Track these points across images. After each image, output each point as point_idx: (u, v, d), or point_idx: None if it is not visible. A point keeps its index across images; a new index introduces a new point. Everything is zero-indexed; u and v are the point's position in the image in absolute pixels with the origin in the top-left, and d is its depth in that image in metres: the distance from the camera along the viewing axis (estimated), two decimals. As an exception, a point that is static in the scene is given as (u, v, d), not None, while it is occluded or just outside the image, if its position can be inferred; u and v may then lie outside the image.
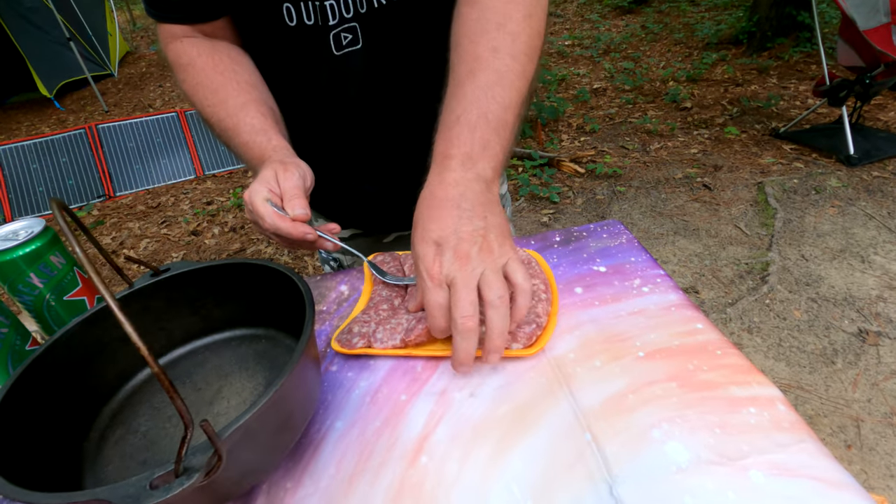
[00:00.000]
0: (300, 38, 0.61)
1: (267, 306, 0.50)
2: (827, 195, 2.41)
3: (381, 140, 0.72)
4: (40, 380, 0.40)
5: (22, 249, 0.47)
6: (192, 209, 3.10)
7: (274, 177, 0.53)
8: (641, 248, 0.63)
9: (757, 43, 4.66)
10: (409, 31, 0.63)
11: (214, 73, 0.63)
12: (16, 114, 5.72)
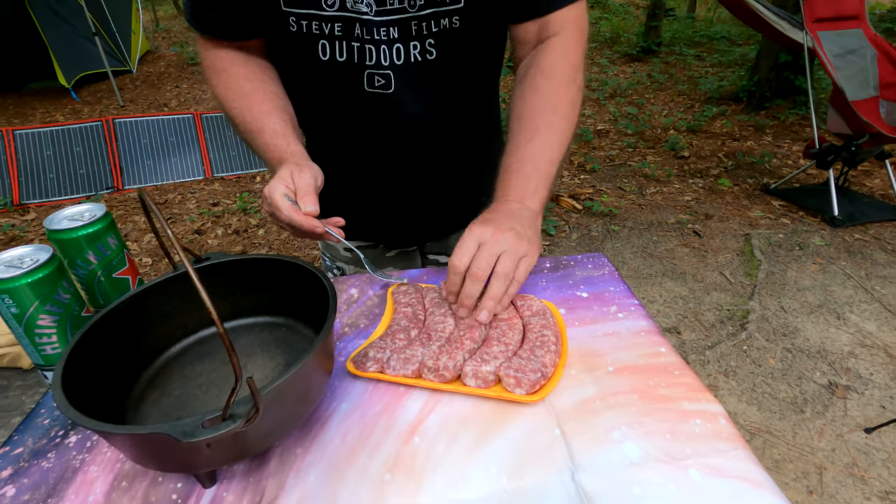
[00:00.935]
0: (332, 73, 0.70)
1: (289, 298, 0.57)
2: (810, 252, 2.52)
3: (393, 169, 0.80)
4: (95, 341, 0.47)
5: (85, 230, 0.54)
6: (198, 209, 3.17)
7: (290, 175, 0.61)
8: (620, 280, 0.71)
9: (756, 102, 4.86)
10: (436, 87, 0.72)
11: (245, 81, 0.71)
12: (32, 100, 5.82)
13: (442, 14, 0.66)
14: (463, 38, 0.69)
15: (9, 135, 3.25)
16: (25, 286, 0.46)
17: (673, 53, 7.50)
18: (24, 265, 0.47)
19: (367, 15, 0.64)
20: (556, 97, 0.69)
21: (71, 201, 3.25)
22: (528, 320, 0.58)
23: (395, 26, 0.66)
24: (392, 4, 0.64)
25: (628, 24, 9.95)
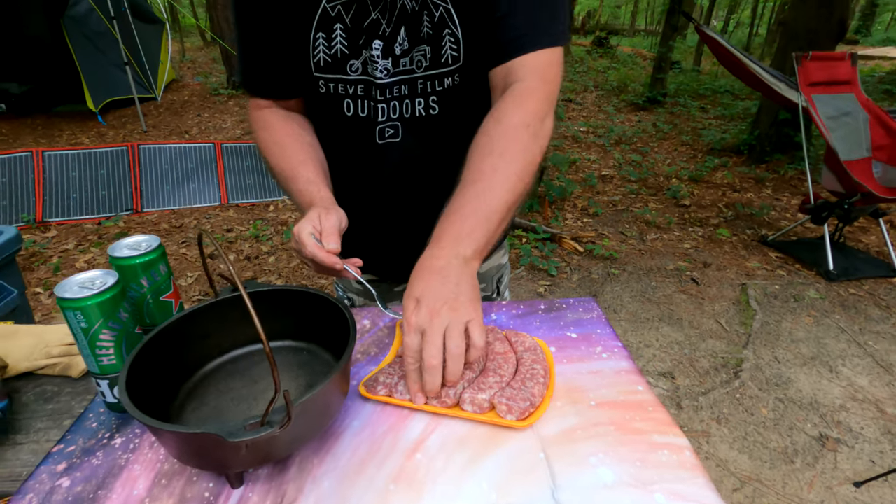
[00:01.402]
0: (353, 125, 0.81)
1: (312, 326, 0.65)
2: (805, 304, 2.58)
3: (402, 209, 0.90)
4: (148, 356, 0.54)
5: (142, 258, 0.62)
6: (213, 234, 3.28)
7: (318, 217, 0.70)
8: (607, 324, 0.78)
9: (756, 155, 5.01)
10: (438, 136, 0.82)
11: (284, 136, 0.82)
12: (59, 122, 6.08)
13: (445, 74, 0.76)
14: (462, 93, 0.78)
15: (39, 155, 3.41)
16: (94, 305, 0.54)
17: (678, 104, 7.76)
18: (95, 287, 0.55)
19: (382, 79, 0.75)
20: (505, 140, 0.68)
21: (91, 221, 3.38)
22: (521, 355, 0.65)
23: (405, 85, 0.76)
24: (404, 65, 0.75)
25: (635, 75, 10.32)
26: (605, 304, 2.61)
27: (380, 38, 0.74)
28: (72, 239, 3.15)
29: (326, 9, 0.73)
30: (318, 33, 0.75)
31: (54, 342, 0.70)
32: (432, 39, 0.73)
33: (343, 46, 0.75)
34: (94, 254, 2.99)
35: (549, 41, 0.71)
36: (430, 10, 0.72)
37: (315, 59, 0.76)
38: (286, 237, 3.23)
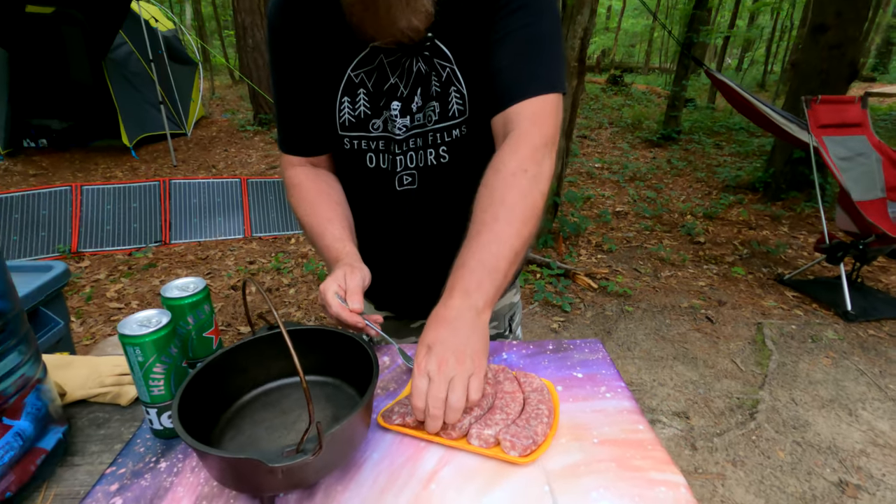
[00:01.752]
0: (375, 176, 0.89)
1: (337, 362, 0.71)
2: (822, 345, 2.55)
3: (419, 250, 0.97)
4: (194, 387, 0.61)
5: (190, 299, 0.70)
6: (236, 265, 3.41)
7: (343, 276, 0.77)
8: (611, 364, 0.83)
9: (772, 193, 5.02)
10: (450, 182, 0.90)
11: (314, 193, 0.92)
12: (96, 155, 6.40)
13: (453, 126, 0.84)
14: (469, 142, 0.86)
15: (77, 190, 3.61)
16: (150, 342, 0.62)
17: (692, 141, 7.84)
18: (151, 325, 0.62)
19: (400, 135, 0.84)
20: (503, 188, 0.71)
21: (122, 252, 3.53)
22: (528, 395, 0.70)
23: (419, 138, 0.85)
24: (418, 121, 0.84)
25: (650, 112, 10.48)
26: (618, 342, 2.62)
27: (398, 100, 0.83)
28: (104, 269, 3.29)
29: (351, 77, 0.83)
30: (343, 98, 0.84)
31: (106, 372, 0.78)
32: (441, 96, 0.82)
33: (366, 108, 0.85)
34: (123, 284, 3.12)
35: (541, 88, 0.75)
36: (438, 70, 0.80)
37: (341, 119, 0.86)
38: (306, 269, 3.33)
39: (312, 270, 3.31)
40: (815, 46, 4.40)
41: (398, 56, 0.80)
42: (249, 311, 0.70)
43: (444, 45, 0.79)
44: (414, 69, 0.81)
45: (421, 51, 0.79)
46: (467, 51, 0.79)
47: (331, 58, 0.83)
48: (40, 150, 6.49)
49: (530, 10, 0.75)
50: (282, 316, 2.77)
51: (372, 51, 0.81)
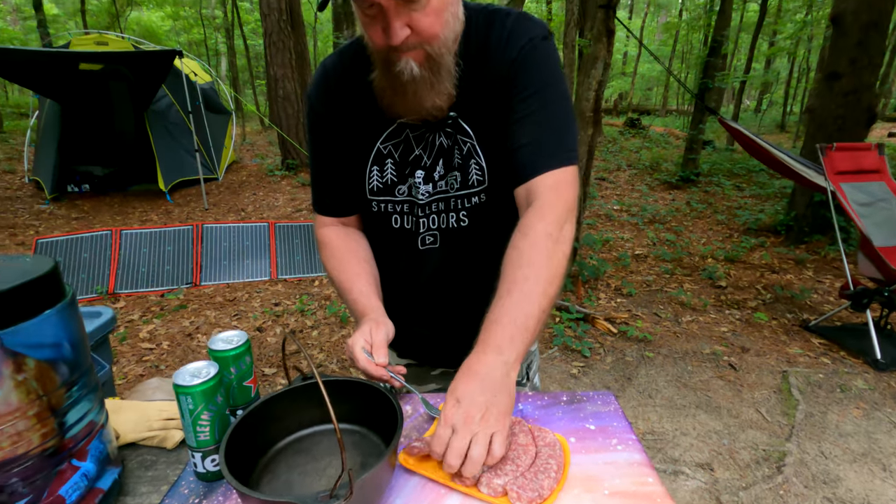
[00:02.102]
0: (400, 235, 0.98)
1: (364, 412, 0.77)
2: (852, 395, 2.49)
3: (440, 304, 1.04)
4: (237, 434, 0.68)
5: (233, 351, 0.78)
6: (262, 307, 3.52)
7: (369, 331, 0.84)
8: (623, 417, 0.87)
9: (794, 236, 4.98)
10: (469, 244, 0.97)
11: (343, 251, 1.01)
12: (133, 199, 6.74)
13: (473, 193, 0.92)
14: (487, 208, 0.93)
15: (117, 234, 3.82)
16: (200, 392, 0.69)
17: (712, 183, 7.85)
18: (202, 376, 0.70)
19: (422, 199, 0.92)
20: (531, 251, 0.77)
21: (155, 293, 3.69)
22: (539, 448, 0.74)
23: (441, 202, 0.93)
24: (441, 187, 0.92)
25: (668, 154, 10.57)
26: (639, 388, 2.60)
27: (422, 169, 0.92)
28: (137, 310, 3.44)
29: (380, 149, 0.93)
30: (372, 167, 0.94)
31: (154, 417, 0.85)
32: (462, 167, 0.91)
33: (393, 176, 0.94)
34: (155, 325, 3.25)
35: (558, 163, 0.83)
36: (460, 145, 0.90)
37: (370, 186, 0.95)
38: (329, 311, 3.41)
39: (335, 312, 3.40)
40: (829, 93, 4.46)
41: (422, 131, 0.90)
42: (287, 364, 0.77)
43: (465, 123, 0.88)
44: (437, 143, 0.90)
45: (443, 126, 0.89)
46: (486, 128, 0.88)
47: (362, 132, 0.93)
48: (82, 194, 6.88)
49: (545, 95, 0.84)
50: (302, 355, 2.84)
51: (399, 126, 0.91)
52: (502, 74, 0.84)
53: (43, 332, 0.60)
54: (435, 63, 0.79)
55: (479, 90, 0.87)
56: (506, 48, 0.84)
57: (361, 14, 0.75)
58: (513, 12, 0.87)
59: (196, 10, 17.03)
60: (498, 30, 0.85)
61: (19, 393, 0.57)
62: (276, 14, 7.18)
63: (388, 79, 0.81)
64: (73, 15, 16.65)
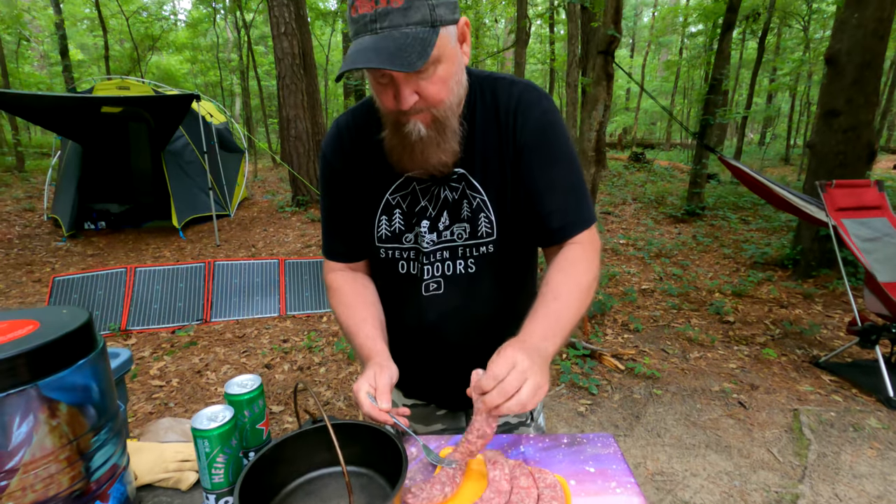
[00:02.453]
0: (405, 281, 1.03)
1: (371, 455, 0.81)
2: (865, 435, 2.45)
3: (444, 348, 1.08)
4: (250, 476, 0.71)
5: (248, 395, 0.82)
6: (270, 344, 3.55)
7: (374, 376, 0.88)
8: (622, 460, 0.89)
9: (802, 270, 4.96)
10: (473, 290, 1.02)
11: (351, 296, 1.06)
12: (147, 236, 6.90)
13: (481, 244, 0.98)
14: (494, 257, 0.99)
15: (131, 271, 3.91)
16: (217, 435, 0.73)
17: (717, 217, 7.88)
18: (218, 420, 0.74)
19: (427, 247, 0.98)
20: (576, 275, 0.89)
21: (166, 329, 3.75)
22: (541, 490, 0.77)
23: (447, 250, 0.99)
24: (446, 237, 0.98)
25: (673, 188, 10.66)
26: (647, 427, 2.58)
27: (427, 219, 0.98)
28: (148, 347, 3.49)
29: (388, 200, 0.99)
30: (381, 216, 1.01)
31: (169, 459, 0.88)
32: (471, 220, 0.97)
33: (400, 225, 1.00)
34: (166, 362, 3.29)
35: (584, 227, 0.95)
36: (469, 199, 0.96)
37: (378, 234, 1.01)
38: (336, 348, 3.44)
39: (343, 349, 3.42)
40: (829, 130, 4.54)
41: (428, 184, 0.97)
42: (298, 408, 0.81)
43: (475, 179, 0.95)
44: (442, 195, 0.97)
45: (448, 181, 0.96)
46: (496, 186, 0.95)
47: (373, 185, 1.00)
48: (98, 231, 7.06)
49: (566, 165, 0.94)
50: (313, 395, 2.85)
51: (406, 179, 0.98)
52: (518, 141, 0.93)
53: (76, 379, 0.65)
54: (440, 124, 0.86)
55: (489, 150, 0.94)
56: (517, 116, 0.93)
57: (374, 81, 0.83)
58: (517, 81, 0.95)
59: (213, 53, 17.79)
60: (505, 97, 0.93)
61: (53, 437, 0.62)
62: (289, 59, 7.50)
63: (398, 138, 0.88)
64: (97, 60, 17.46)
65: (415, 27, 0.74)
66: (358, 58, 0.73)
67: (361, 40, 0.75)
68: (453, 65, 0.82)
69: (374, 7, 0.73)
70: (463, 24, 0.83)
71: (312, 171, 8.00)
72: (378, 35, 0.74)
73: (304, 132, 7.80)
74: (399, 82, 0.79)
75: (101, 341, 0.70)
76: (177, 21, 17.99)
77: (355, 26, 0.76)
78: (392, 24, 0.73)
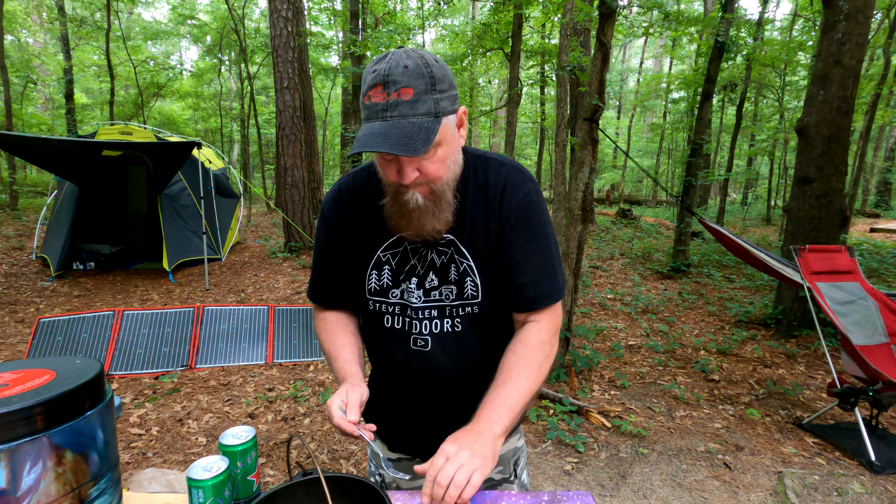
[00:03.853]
0: (392, 334, 1.09)
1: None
2: (849, 500, 2.45)
3: (428, 401, 1.13)
4: (241, 527, 0.74)
5: (241, 446, 0.86)
6: (255, 392, 3.51)
7: (346, 392, 0.98)
8: (600, 519, 0.92)
9: (784, 329, 5.06)
10: (459, 347, 1.09)
11: (335, 324, 1.16)
12: (135, 278, 6.87)
13: (467, 304, 1.05)
14: (481, 318, 1.07)
15: (119, 314, 3.90)
16: (211, 485, 0.76)
17: (702, 274, 8.05)
18: (213, 470, 0.77)
19: (416, 303, 1.05)
20: (527, 357, 0.98)
21: (149, 375, 3.69)
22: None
23: (435, 309, 1.06)
24: (434, 297, 1.05)
25: (659, 244, 10.92)
26: (634, 488, 2.56)
27: (415, 276, 1.06)
28: (130, 392, 3.43)
29: (380, 256, 1.07)
30: (372, 271, 1.08)
31: (159, 510, 0.90)
32: (458, 282, 1.05)
33: (388, 280, 1.08)
34: (147, 409, 3.23)
35: (551, 301, 1.04)
36: (457, 263, 1.05)
37: (368, 287, 1.09)
38: (323, 399, 3.41)
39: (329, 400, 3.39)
40: (803, 196, 4.77)
41: (418, 246, 1.05)
42: (290, 463, 0.85)
43: (463, 246, 1.04)
44: (430, 257, 1.05)
45: (437, 245, 1.04)
46: (482, 254, 1.04)
47: (367, 242, 1.09)
48: (86, 272, 7.02)
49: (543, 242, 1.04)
50: (296, 447, 2.81)
51: (399, 239, 1.06)
52: (503, 217, 1.03)
53: (85, 428, 0.69)
54: (437, 196, 0.96)
55: (477, 222, 1.04)
56: (503, 194, 1.03)
57: (379, 157, 0.93)
58: (506, 162, 1.07)
59: (216, 101, 18.38)
60: (494, 176, 1.04)
61: (58, 484, 0.66)
62: (290, 111, 7.80)
63: (397, 206, 0.98)
64: (101, 105, 17.92)
65: (421, 117, 0.84)
66: (369, 140, 0.83)
67: (372, 125, 0.85)
68: (451, 147, 0.93)
69: (386, 98, 0.83)
70: (461, 112, 0.95)
71: (307, 217, 8.13)
72: (388, 122, 0.84)
73: (300, 180, 7.99)
74: (402, 161, 0.90)
75: (110, 391, 0.75)
76: (182, 70, 18.67)
77: (368, 112, 0.86)
78: (401, 113, 0.83)
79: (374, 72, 0.85)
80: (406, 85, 0.82)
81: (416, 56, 0.85)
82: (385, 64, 0.84)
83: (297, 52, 7.86)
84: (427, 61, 0.86)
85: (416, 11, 15.09)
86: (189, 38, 16.81)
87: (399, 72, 0.82)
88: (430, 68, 0.85)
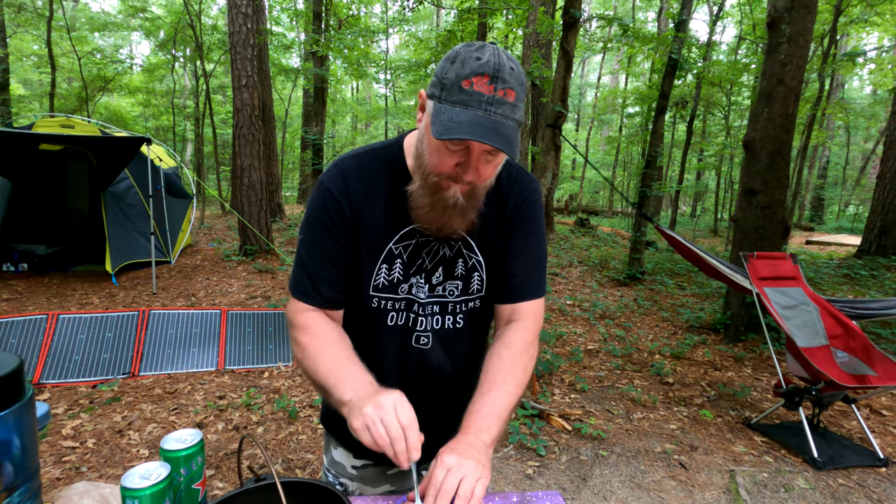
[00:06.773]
0: (393, 332, 1.04)
1: (316, 516, 0.77)
2: (796, 495, 2.55)
3: (424, 400, 1.06)
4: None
5: (185, 451, 0.77)
6: (205, 401, 3.32)
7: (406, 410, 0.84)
8: (570, 519, 0.89)
9: (732, 334, 5.28)
10: (459, 344, 1.07)
11: (331, 334, 0.97)
12: (74, 281, 6.42)
13: (471, 299, 1.05)
14: (481, 312, 1.08)
15: (53, 319, 3.61)
16: (149, 495, 0.68)
17: (656, 282, 8.32)
18: (151, 478, 0.69)
19: (423, 299, 1.02)
20: (512, 361, 0.97)
21: (86, 384, 3.43)
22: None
23: (438, 305, 1.03)
24: (438, 292, 1.02)
25: (616, 252, 11.24)
26: (594, 490, 2.57)
27: (423, 271, 1.02)
28: (63, 402, 3.17)
29: (391, 248, 1.00)
30: (382, 265, 1.00)
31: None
32: (464, 278, 1.04)
33: (399, 275, 1.01)
34: (82, 420, 2.99)
35: (537, 295, 1.06)
36: (465, 258, 1.03)
37: (375, 283, 1.01)
38: (277, 406, 3.26)
39: (284, 407, 3.25)
40: (749, 206, 5.02)
41: (429, 239, 1.01)
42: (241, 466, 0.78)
43: (474, 242, 1.03)
44: (440, 252, 1.02)
45: (448, 241, 1.02)
46: (489, 250, 1.05)
47: (376, 232, 0.99)
48: (18, 273, 6.51)
49: (537, 239, 1.07)
50: (248, 457, 2.67)
51: (411, 231, 1.00)
52: (508, 212, 1.04)
53: (-3, 431, 0.60)
54: (474, 198, 0.93)
55: (489, 218, 1.03)
56: (511, 192, 1.04)
57: (442, 144, 0.85)
58: (514, 164, 1.08)
59: (168, 99, 17.61)
60: (506, 175, 1.05)
61: (-40, 498, 0.56)
62: (248, 110, 7.54)
63: (431, 198, 0.91)
64: (41, 97, 16.83)
65: (514, 122, 0.82)
66: (478, 130, 0.77)
67: (474, 114, 0.78)
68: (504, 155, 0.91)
69: (493, 92, 0.79)
70: None
71: (264, 220, 7.86)
72: (492, 117, 0.79)
73: (257, 181, 7.73)
74: (473, 157, 0.85)
75: (31, 390, 0.66)
76: (133, 65, 17.81)
77: (466, 97, 0.79)
78: (504, 114, 0.80)
79: (479, 60, 0.79)
80: (511, 87, 0.80)
81: (514, 61, 0.84)
82: (490, 56, 0.79)
83: (256, 49, 7.63)
84: (521, 70, 0.85)
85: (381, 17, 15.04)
86: (141, 32, 16.06)
87: (507, 72, 0.79)
88: (524, 78, 0.84)
